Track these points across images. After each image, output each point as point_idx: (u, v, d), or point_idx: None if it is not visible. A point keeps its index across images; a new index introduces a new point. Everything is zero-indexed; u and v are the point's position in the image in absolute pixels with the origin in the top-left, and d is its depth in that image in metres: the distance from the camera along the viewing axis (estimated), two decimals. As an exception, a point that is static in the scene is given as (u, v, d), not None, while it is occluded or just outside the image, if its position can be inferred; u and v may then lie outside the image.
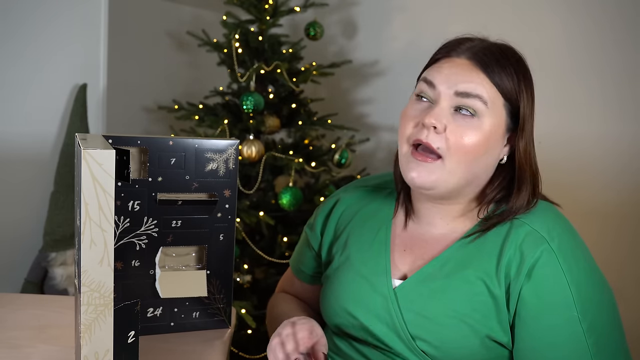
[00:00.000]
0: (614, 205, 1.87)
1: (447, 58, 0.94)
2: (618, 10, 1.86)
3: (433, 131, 0.90)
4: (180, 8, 2.53)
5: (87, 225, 0.69)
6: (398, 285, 0.97)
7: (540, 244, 0.88)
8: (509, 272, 0.89)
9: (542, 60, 1.98)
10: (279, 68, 1.99)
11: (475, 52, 0.93)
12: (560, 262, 0.87)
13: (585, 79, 1.93)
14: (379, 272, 0.99)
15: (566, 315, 0.86)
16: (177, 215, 1.03)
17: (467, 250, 0.94)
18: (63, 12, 2.03)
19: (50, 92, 2.05)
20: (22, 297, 1.23)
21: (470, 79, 0.90)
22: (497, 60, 0.92)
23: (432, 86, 0.93)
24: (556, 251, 0.88)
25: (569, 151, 1.95)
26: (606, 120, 1.89)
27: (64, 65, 2.06)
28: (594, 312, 0.87)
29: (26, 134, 2.00)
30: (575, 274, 0.87)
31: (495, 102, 0.91)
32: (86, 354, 0.72)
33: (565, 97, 1.96)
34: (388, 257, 1.01)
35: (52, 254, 1.97)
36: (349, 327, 1.01)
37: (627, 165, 1.85)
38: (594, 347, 0.85)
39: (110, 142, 0.86)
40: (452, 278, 0.92)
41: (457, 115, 0.91)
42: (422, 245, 1.00)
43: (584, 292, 0.87)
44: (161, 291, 1.05)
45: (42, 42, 1.99)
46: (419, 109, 0.94)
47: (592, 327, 0.86)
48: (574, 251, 0.90)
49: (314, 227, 1.16)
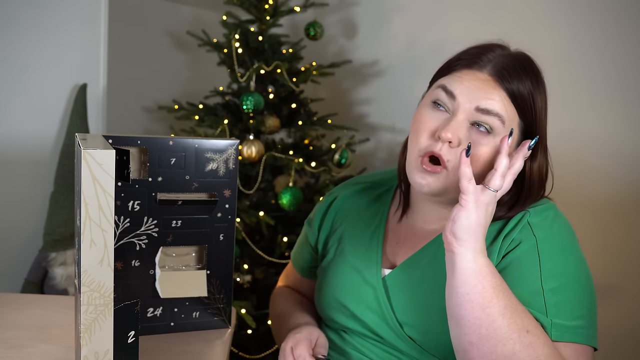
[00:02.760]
0: (620, 205, 1.86)
1: (468, 69, 0.94)
2: (624, 11, 1.86)
3: (447, 145, 0.91)
4: (180, 8, 2.53)
5: (87, 225, 0.69)
6: (387, 274, 1.02)
7: (524, 219, 0.93)
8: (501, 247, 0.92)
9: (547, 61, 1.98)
10: (279, 68, 1.99)
11: (498, 68, 0.92)
12: (534, 231, 0.91)
13: (592, 81, 1.92)
14: (370, 264, 1.04)
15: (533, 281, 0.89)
16: (177, 215, 1.03)
17: None
18: (63, 12, 2.03)
19: (50, 92, 2.05)
20: (22, 297, 1.23)
21: (492, 96, 0.90)
22: (519, 77, 0.92)
23: (451, 97, 0.92)
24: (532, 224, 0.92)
25: (575, 153, 1.94)
26: (612, 122, 1.89)
27: (64, 65, 2.06)
28: (560, 280, 0.89)
29: (26, 134, 2.00)
30: (550, 243, 0.91)
31: (512, 121, 0.92)
32: (86, 354, 0.72)
33: (572, 98, 1.96)
34: (380, 250, 1.05)
35: (52, 254, 1.97)
36: (341, 318, 1.05)
37: (633, 167, 1.85)
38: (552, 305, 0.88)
39: (110, 142, 0.86)
40: (439, 265, 0.94)
41: (472, 129, 0.91)
42: (413, 238, 1.03)
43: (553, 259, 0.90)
44: (161, 291, 1.05)
45: (42, 42, 1.99)
46: (436, 117, 0.94)
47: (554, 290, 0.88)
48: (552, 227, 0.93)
49: (312, 222, 1.21)
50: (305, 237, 1.23)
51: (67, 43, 2.05)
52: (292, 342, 1.01)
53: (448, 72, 0.96)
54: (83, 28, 2.10)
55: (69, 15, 2.04)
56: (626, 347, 1.78)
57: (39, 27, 1.98)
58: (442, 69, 0.99)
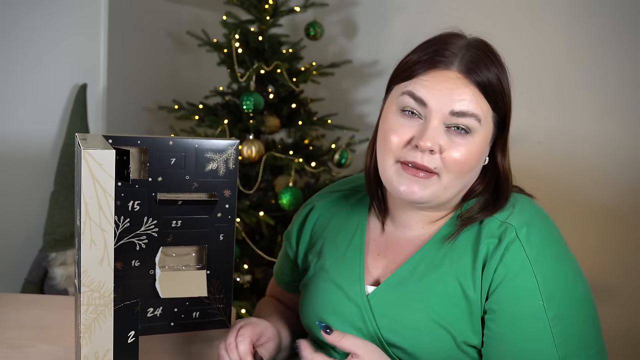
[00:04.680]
0: (615, 206, 1.86)
1: (434, 70, 0.88)
2: (619, 11, 1.86)
3: (428, 153, 0.87)
4: (180, 8, 2.53)
5: (87, 225, 0.69)
6: (371, 292, 0.95)
7: (510, 233, 0.87)
8: (485, 263, 0.88)
9: (543, 61, 1.98)
10: (279, 68, 1.99)
11: (465, 62, 0.88)
12: (526, 251, 0.86)
13: (587, 80, 1.93)
14: (353, 280, 0.98)
15: (532, 305, 0.85)
16: (177, 215, 1.03)
17: (440, 249, 0.92)
18: (63, 12, 2.03)
19: (50, 92, 2.05)
20: (22, 297, 1.23)
21: (465, 96, 0.87)
22: (487, 66, 0.89)
23: (422, 104, 0.88)
24: (523, 241, 0.86)
25: (569, 152, 1.94)
26: (607, 122, 1.89)
27: (64, 65, 2.06)
28: (561, 302, 0.85)
29: (26, 134, 2.00)
30: (542, 263, 0.86)
31: (487, 116, 0.89)
32: (86, 354, 0.72)
33: (566, 98, 1.96)
34: (362, 264, 0.99)
35: (52, 254, 1.97)
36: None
37: (628, 167, 1.85)
38: (559, 336, 0.84)
39: (110, 142, 0.86)
40: (425, 280, 0.91)
41: (450, 132, 0.88)
42: (395, 249, 0.98)
43: (550, 281, 0.86)
44: (161, 291, 1.05)
45: (42, 42, 1.99)
46: (408, 125, 0.89)
47: (557, 316, 0.85)
48: (543, 241, 0.88)
49: (290, 236, 1.14)
50: (285, 251, 1.16)
51: (67, 43, 2.05)
52: (242, 323, 0.97)
53: (411, 75, 0.91)
54: (83, 28, 2.10)
55: (69, 16, 2.05)
56: (624, 348, 1.78)
57: (39, 27, 1.98)
58: (402, 73, 0.93)
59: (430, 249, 0.93)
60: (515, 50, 2.09)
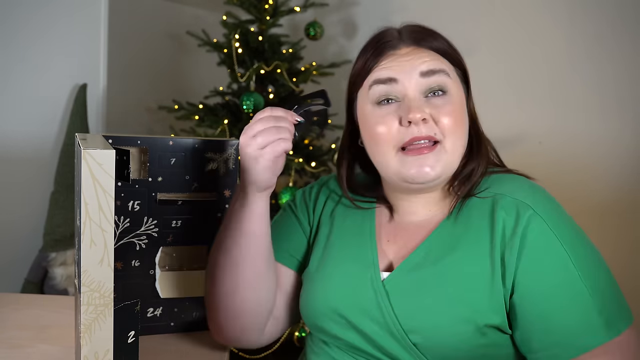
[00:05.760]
0: (615, 203, 1.87)
1: (387, 54, 0.92)
2: (617, 10, 1.86)
3: (422, 124, 0.88)
4: (180, 8, 2.53)
5: (87, 225, 0.69)
6: (386, 277, 0.93)
7: (526, 210, 0.87)
8: (504, 243, 0.87)
9: (542, 59, 1.99)
10: (279, 68, 1.99)
11: (411, 37, 0.92)
12: (549, 225, 0.86)
13: (585, 78, 1.93)
14: (367, 266, 0.95)
15: (566, 275, 0.85)
16: (177, 215, 1.03)
17: (453, 231, 0.92)
18: (63, 12, 2.03)
19: (50, 92, 2.05)
20: (22, 297, 1.23)
21: (425, 58, 0.90)
22: (434, 37, 0.93)
23: (393, 82, 0.90)
24: (543, 215, 0.87)
25: (569, 151, 1.94)
26: (606, 120, 1.89)
27: (64, 65, 2.06)
28: (589, 266, 0.87)
29: (26, 134, 2.00)
30: (566, 234, 0.87)
31: (452, 70, 0.93)
32: (86, 354, 0.72)
33: (565, 96, 1.96)
34: (375, 249, 0.96)
35: (52, 254, 1.98)
36: (335, 329, 0.95)
37: (626, 165, 1.85)
38: (599, 301, 0.85)
39: (110, 142, 0.86)
40: (441, 263, 0.90)
41: (431, 99, 0.90)
42: (404, 234, 0.97)
43: (577, 249, 0.87)
44: (161, 291, 1.05)
45: (43, 42, 1.99)
46: (390, 111, 0.90)
47: (592, 285, 0.85)
48: (559, 214, 0.90)
49: (301, 205, 1.08)
50: (294, 221, 1.06)
51: (67, 43, 2.05)
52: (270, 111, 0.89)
53: (368, 72, 0.93)
54: (83, 28, 2.10)
55: (69, 16, 2.05)
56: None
57: (39, 27, 1.98)
58: (357, 78, 0.95)
59: (442, 231, 0.93)
60: (515, 50, 2.09)
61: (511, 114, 2.06)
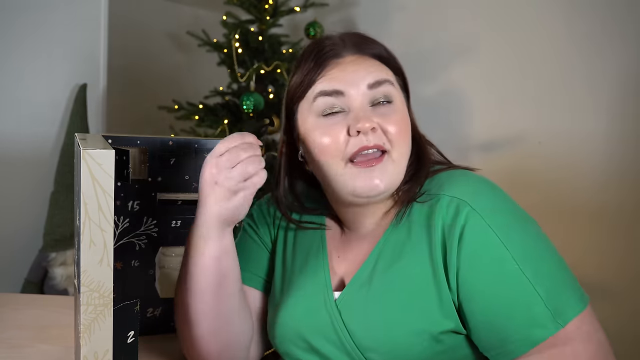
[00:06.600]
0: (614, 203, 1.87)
1: (330, 64, 0.90)
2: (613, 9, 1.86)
3: (371, 133, 0.86)
4: (180, 8, 2.53)
5: (86, 225, 0.69)
6: (337, 297, 0.91)
7: (464, 208, 0.85)
8: (444, 245, 0.85)
9: (543, 61, 1.98)
10: (279, 68, 1.99)
11: (351, 44, 0.91)
12: (486, 221, 0.84)
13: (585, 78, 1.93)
14: (320, 287, 0.93)
15: (504, 268, 0.82)
16: (177, 215, 1.03)
17: (398, 238, 0.90)
18: (63, 12, 2.03)
19: (50, 92, 2.05)
20: (22, 297, 1.23)
21: (370, 68, 0.89)
22: (372, 41, 0.93)
23: (339, 94, 0.88)
24: (479, 211, 0.84)
25: (566, 151, 1.94)
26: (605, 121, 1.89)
27: (64, 65, 2.06)
28: (530, 255, 0.83)
29: (26, 134, 2.00)
30: (503, 226, 0.84)
31: (394, 79, 0.92)
32: (86, 354, 0.72)
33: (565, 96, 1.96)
34: (327, 269, 0.94)
35: (52, 254, 1.98)
36: (298, 353, 0.93)
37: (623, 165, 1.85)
38: (543, 291, 0.81)
39: (110, 142, 0.86)
40: (388, 274, 0.88)
41: (378, 108, 0.88)
42: (353, 249, 0.95)
43: (514, 239, 0.84)
44: (161, 291, 1.05)
45: (42, 42, 1.99)
46: (335, 122, 0.88)
47: (535, 274, 0.82)
48: (497, 206, 0.86)
49: (260, 221, 1.05)
50: (255, 238, 1.04)
51: (67, 43, 2.05)
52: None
53: (310, 84, 0.90)
54: (83, 28, 2.10)
55: (69, 16, 2.05)
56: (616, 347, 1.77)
57: (39, 27, 1.98)
58: (298, 90, 0.92)
59: (387, 241, 0.91)
60: (514, 50, 2.09)
61: (511, 114, 2.06)
